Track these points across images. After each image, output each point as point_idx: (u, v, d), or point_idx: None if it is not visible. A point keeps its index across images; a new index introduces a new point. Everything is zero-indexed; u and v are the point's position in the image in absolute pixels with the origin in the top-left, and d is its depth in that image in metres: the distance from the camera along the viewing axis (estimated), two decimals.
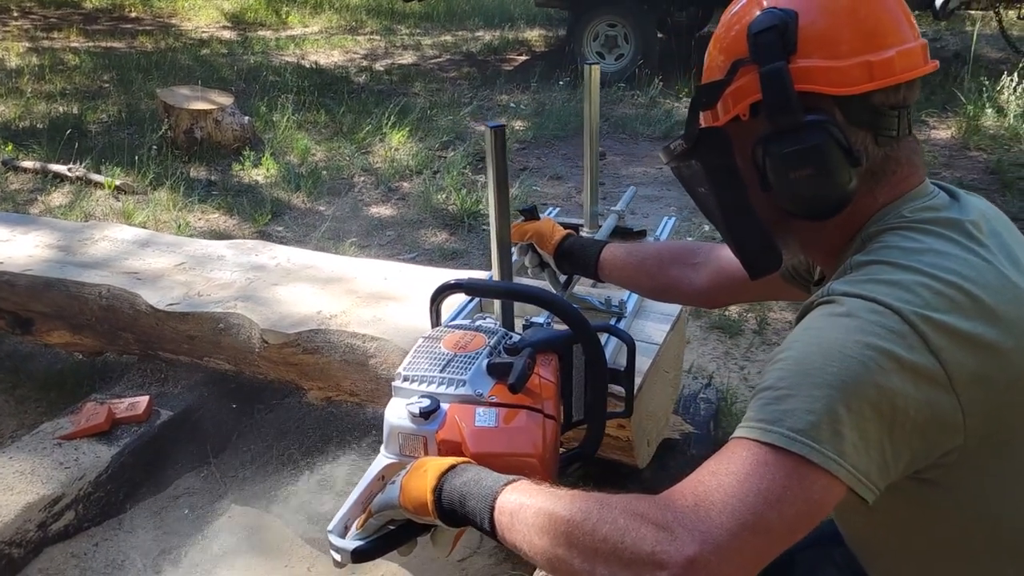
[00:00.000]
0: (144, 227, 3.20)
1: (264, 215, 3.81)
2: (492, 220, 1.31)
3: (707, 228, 3.42)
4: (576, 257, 1.47)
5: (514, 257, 1.52)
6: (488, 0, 9.44)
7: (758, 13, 0.89)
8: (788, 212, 0.92)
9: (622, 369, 1.27)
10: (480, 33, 8.21)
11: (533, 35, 8.04)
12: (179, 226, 3.67)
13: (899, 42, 0.87)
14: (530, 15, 8.56)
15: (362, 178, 4.37)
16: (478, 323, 1.33)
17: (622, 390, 1.28)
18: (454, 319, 1.58)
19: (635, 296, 1.68)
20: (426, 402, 1.04)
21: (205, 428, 2.15)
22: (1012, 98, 4.64)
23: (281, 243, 2.98)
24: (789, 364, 0.78)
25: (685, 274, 1.35)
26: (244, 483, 2.07)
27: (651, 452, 1.62)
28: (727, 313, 2.70)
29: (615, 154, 4.55)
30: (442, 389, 1.07)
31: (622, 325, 1.54)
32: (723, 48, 0.94)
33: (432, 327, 1.28)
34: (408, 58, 7.36)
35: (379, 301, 1.90)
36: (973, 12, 6.50)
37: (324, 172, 4.36)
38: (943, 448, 0.78)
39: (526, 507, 0.82)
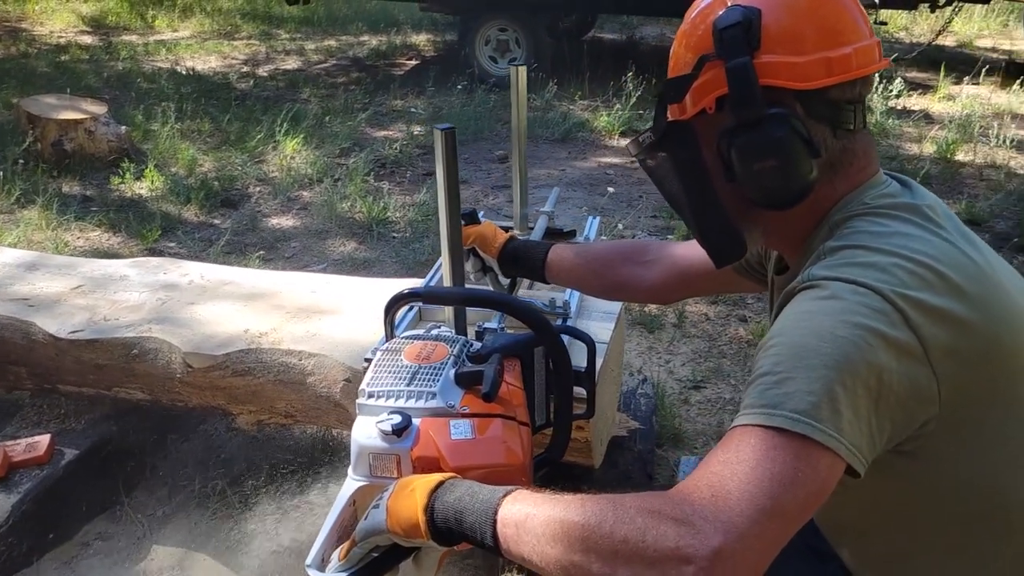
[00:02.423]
0: (15, 248, 2.90)
1: (153, 231, 3.56)
2: (443, 226, 1.27)
3: (620, 227, 3.50)
4: (522, 260, 1.45)
5: None
6: (370, 5, 9.26)
7: (723, 11, 0.91)
8: (753, 202, 0.95)
9: (582, 370, 1.26)
10: (365, 38, 8.05)
11: (421, 39, 7.97)
12: (56, 246, 3.36)
13: (856, 39, 0.91)
14: (415, 20, 8.48)
15: (258, 188, 4.17)
16: (434, 332, 1.29)
17: (583, 391, 1.28)
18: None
19: (577, 295, 1.68)
20: (397, 418, 0.99)
21: (115, 465, 1.97)
22: (877, 98, 5.05)
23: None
24: (783, 349, 0.80)
25: (636, 272, 1.37)
26: (164, 521, 1.91)
27: (603, 451, 1.63)
28: (647, 309, 2.76)
29: None
30: (412, 403, 1.02)
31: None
32: (689, 45, 0.95)
33: (387, 339, 1.23)
34: (292, 63, 7.10)
35: (310, 315, 1.80)
36: None
37: (215, 183, 4.13)
38: (920, 419, 0.82)
39: (532, 517, 0.79)
